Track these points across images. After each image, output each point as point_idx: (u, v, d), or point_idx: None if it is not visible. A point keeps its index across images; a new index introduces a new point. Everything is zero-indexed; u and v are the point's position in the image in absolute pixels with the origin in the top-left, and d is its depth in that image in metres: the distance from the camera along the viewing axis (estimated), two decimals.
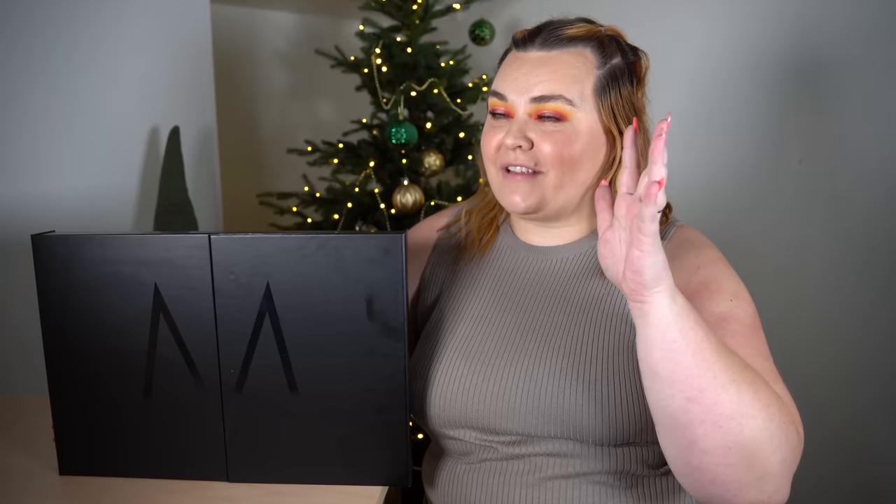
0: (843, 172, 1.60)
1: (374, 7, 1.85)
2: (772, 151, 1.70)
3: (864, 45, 1.53)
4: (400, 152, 1.77)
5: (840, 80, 1.58)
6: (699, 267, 0.81)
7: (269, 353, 0.79)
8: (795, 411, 0.72)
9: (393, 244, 0.75)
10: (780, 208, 1.70)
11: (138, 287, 0.79)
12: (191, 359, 0.80)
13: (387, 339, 0.77)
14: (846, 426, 1.63)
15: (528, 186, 0.85)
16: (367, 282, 0.76)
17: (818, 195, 1.64)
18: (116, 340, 0.81)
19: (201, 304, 0.79)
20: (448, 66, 1.85)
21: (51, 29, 1.49)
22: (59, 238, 0.79)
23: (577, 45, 0.85)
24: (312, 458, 0.82)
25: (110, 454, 0.84)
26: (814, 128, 1.63)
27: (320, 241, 0.76)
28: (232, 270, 0.78)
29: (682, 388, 0.65)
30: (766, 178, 1.72)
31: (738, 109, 1.75)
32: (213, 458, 0.83)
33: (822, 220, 1.64)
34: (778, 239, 1.71)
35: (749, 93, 1.72)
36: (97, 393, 0.82)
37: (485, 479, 0.85)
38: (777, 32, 1.66)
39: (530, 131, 0.84)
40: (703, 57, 1.79)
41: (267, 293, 0.78)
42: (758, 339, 0.76)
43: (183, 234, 0.78)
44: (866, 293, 1.58)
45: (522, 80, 0.84)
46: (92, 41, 1.57)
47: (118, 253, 0.79)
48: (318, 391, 0.80)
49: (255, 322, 0.78)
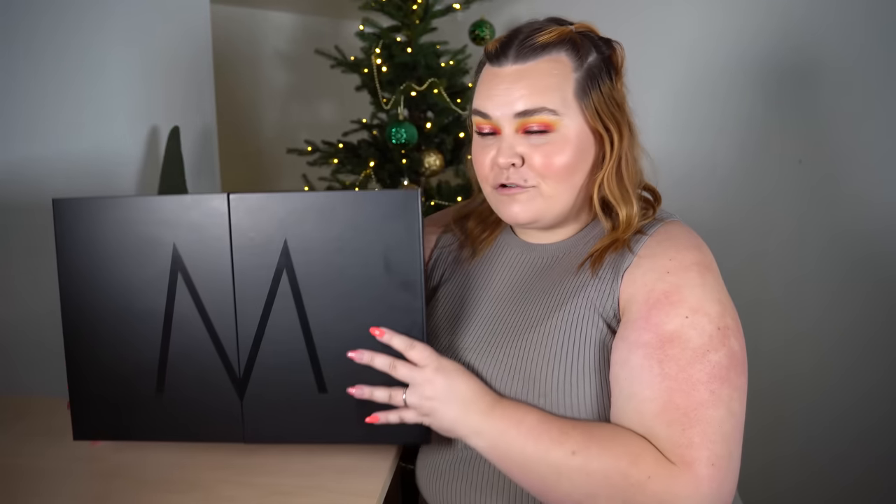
0: (842, 172, 1.60)
1: (374, 7, 1.85)
2: (772, 151, 1.70)
3: (864, 44, 1.54)
4: (400, 152, 1.77)
5: (840, 80, 1.58)
6: (668, 272, 0.79)
7: (287, 311, 0.80)
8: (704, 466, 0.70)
9: (409, 200, 0.77)
10: (780, 208, 1.70)
11: (157, 248, 0.80)
12: (208, 318, 0.81)
13: (404, 294, 0.78)
14: (838, 423, 1.64)
15: (526, 198, 0.85)
16: (385, 237, 0.78)
17: (818, 195, 1.64)
18: (134, 301, 0.81)
19: (219, 263, 0.80)
20: (448, 66, 1.85)
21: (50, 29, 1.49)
22: (78, 201, 0.81)
23: (550, 52, 0.84)
24: (330, 417, 0.82)
25: (125, 418, 0.84)
26: (814, 128, 1.63)
27: (338, 198, 0.78)
28: (250, 228, 0.79)
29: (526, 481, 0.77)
30: (765, 178, 1.72)
31: (738, 109, 1.75)
32: (230, 418, 0.83)
33: (821, 220, 1.64)
34: (777, 238, 1.71)
35: (749, 93, 1.72)
36: (113, 355, 0.83)
37: (468, 470, 0.86)
38: (777, 32, 1.67)
39: (520, 146, 0.84)
40: (702, 56, 1.79)
41: (285, 251, 0.79)
42: (701, 365, 0.74)
43: (202, 194, 0.79)
44: (864, 292, 1.59)
45: (503, 97, 0.84)
46: (92, 41, 1.57)
47: (138, 214, 0.80)
48: (335, 348, 0.80)
49: (272, 280, 0.79)
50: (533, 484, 0.76)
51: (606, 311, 0.81)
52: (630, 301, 0.80)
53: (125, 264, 0.81)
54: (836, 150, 1.60)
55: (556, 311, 0.83)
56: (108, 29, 1.60)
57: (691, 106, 1.82)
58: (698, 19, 1.79)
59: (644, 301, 0.78)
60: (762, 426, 1.69)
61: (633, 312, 0.79)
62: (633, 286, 0.80)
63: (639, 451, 0.72)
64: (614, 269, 0.82)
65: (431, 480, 0.90)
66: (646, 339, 0.76)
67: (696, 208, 1.76)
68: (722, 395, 0.73)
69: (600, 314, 0.81)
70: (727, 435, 0.72)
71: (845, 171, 1.60)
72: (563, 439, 0.74)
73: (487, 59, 0.88)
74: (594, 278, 0.83)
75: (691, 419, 0.72)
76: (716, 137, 1.79)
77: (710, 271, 0.80)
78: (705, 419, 0.72)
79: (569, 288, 0.85)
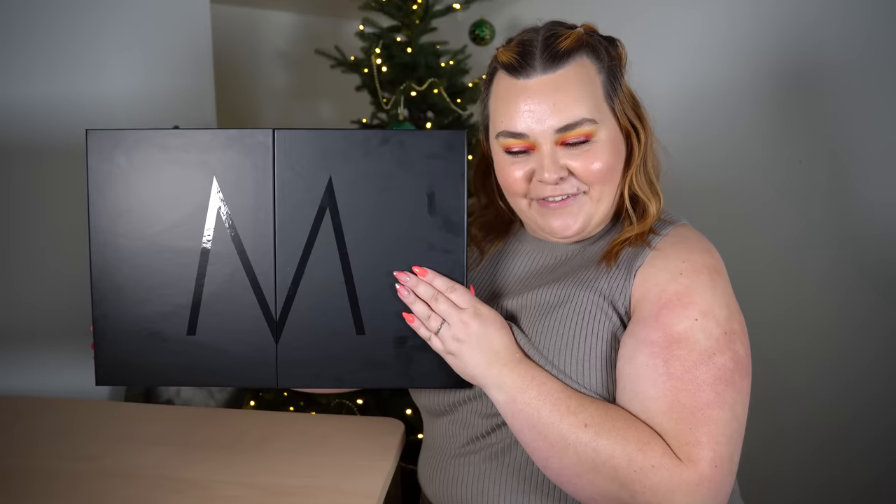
0: (842, 172, 1.60)
1: (374, 7, 1.85)
2: (772, 151, 1.70)
3: (864, 44, 1.53)
4: None
5: (840, 80, 1.58)
6: (681, 273, 0.80)
7: (328, 250, 0.79)
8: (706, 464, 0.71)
9: (456, 139, 0.77)
10: (780, 208, 1.70)
11: (196, 182, 0.78)
12: (246, 256, 0.79)
13: (447, 234, 0.78)
14: (846, 430, 1.63)
15: (577, 207, 0.84)
16: (429, 176, 0.78)
17: (818, 195, 1.64)
18: (170, 237, 0.79)
19: (261, 199, 0.78)
20: (448, 66, 1.85)
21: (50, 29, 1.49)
22: (114, 133, 0.78)
23: (574, 57, 0.82)
24: (367, 360, 0.81)
25: (154, 361, 0.81)
26: (814, 128, 1.63)
27: (384, 136, 0.78)
28: (294, 165, 0.78)
29: (533, 452, 0.77)
30: (765, 178, 1.72)
31: (738, 109, 1.74)
32: (263, 362, 0.81)
33: (821, 220, 1.64)
34: (777, 239, 1.71)
35: (749, 93, 1.72)
36: (144, 293, 0.80)
37: (470, 466, 0.86)
38: (777, 32, 1.66)
39: (562, 158, 0.82)
40: (703, 56, 1.79)
41: (329, 188, 0.78)
42: (707, 367, 0.74)
43: (246, 129, 0.78)
44: (866, 294, 1.58)
45: (538, 113, 0.81)
46: (92, 41, 1.57)
47: (178, 147, 0.78)
48: (375, 289, 0.79)
49: (315, 217, 0.78)
50: (538, 448, 0.76)
51: (618, 305, 0.81)
52: (642, 299, 0.80)
53: (161, 199, 0.79)
54: (837, 150, 1.60)
55: (569, 300, 0.83)
56: (107, 29, 1.60)
57: (692, 107, 1.82)
58: (700, 21, 1.79)
59: (656, 300, 0.78)
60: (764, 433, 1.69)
61: (643, 310, 0.79)
62: (646, 285, 0.80)
63: (649, 439, 0.72)
64: (628, 266, 0.82)
65: (433, 477, 0.90)
66: (654, 337, 0.76)
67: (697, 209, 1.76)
68: (726, 398, 0.74)
69: (612, 306, 0.81)
70: (730, 438, 0.73)
71: (848, 172, 1.59)
72: (579, 410, 0.75)
73: (507, 71, 0.84)
74: (608, 273, 0.83)
75: (698, 418, 0.72)
76: (716, 138, 1.79)
77: (720, 276, 0.81)
78: (712, 419, 0.72)
79: (583, 279, 0.85)
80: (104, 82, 1.60)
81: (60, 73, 1.51)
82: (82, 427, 1.00)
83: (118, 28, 1.62)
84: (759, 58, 1.69)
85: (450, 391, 0.88)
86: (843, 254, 1.61)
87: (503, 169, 0.86)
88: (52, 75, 1.49)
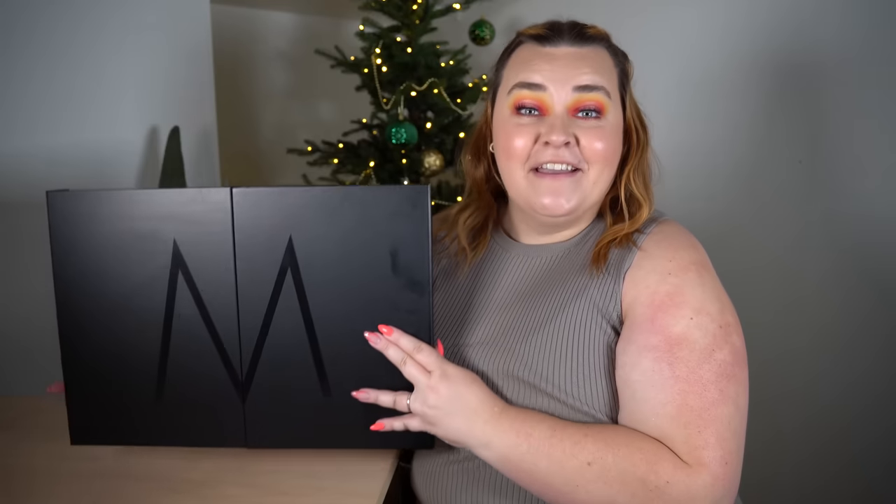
0: (842, 172, 1.60)
1: (374, 7, 1.85)
2: (772, 151, 1.70)
3: (864, 44, 1.53)
4: (400, 152, 1.77)
5: (840, 80, 1.58)
6: (670, 273, 0.80)
7: (291, 310, 0.77)
8: (717, 464, 0.72)
9: (419, 197, 0.74)
10: (780, 208, 1.70)
11: (157, 244, 0.77)
12: (209, 318, 0.78)
13: (411, 294, 0.76)
14: (845, 431, 1.63)
15: (571, 185, 0.84)
16: (392, 235, 0.75)
17: (818, 195, 1.64)
18: (133, 300, 0.78)
19: (222, 260, 0.77)
20: (448, 66, 1.85)
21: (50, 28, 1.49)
22: (75, 194, 0.77)
23: (598, 43, 0.87)
24: (334, 420, 0.80)
25: (125, 422, 0.81)
26: (814, 128, 1.63)
27: (345, 194, 0.75)
28: (254, 225, 0.76)
29: (539, 491, 0.76)
30: (765, 178, 1.72)
31: (738, 109, 1.74)
32: (232, 422, 0.81)
33: (821, 220, 1.64)
34: (777, 239, 1.71)
35: (749, 92, 1.72)
36: (111, 356, 0.80)
37: (464, 470, 0.85)
38: (776, 31, 1.67)
39: (571, 127, 0.83)
40: (702, 56, 1.79)
41: (289, 247, 0.76)
42: (708, 364, 0.75)
43: (204, 188, 0.76)
44: (865, 294, 1.58)
45: (562, 70, 0.83)
46: (91, 41, 1.57)
47: (137, 209, 0.77)
48: (340, 349, 0.78)
49: (276, 278, 0.77)
50: (547, 494, 0.75)
51: (609, 313, 0.81)
52: (633, 303, 0.80)
53: (123, 261, 0.78)
54: (837, 150, 1.60)
55: (560, 313, 0.83)
56: (108, 29, 1.60)
57: (691, 107, 1.82)
58: (697, 19, 1.79)
59: (648, 303, 0.78)
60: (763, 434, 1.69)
61: (637, 315, 0.79)
62: (636, 288, 0.80)
63: (655, 457, 0.72)
64: (616, 270, 0.82)
65: (427, 482, 0.90)
66: (654, 342, 0.76)
67: (697, 209, 1.76)
68: (729, 392, 0.74)
69: (604, 316, 0.81)
70: (735, 431, 0.74)
71: (848, 172, 1.59)
72: (577, 451, 0.73)
73: (536, 40, 0.87)
74: (597, 278, 0.83)
75: (705, 420, 0.73)
76: (716, 138, 1.79)
77: (706, 270, 0.82)
78: (718, 418, 0.73)
79: (572, 289, 0.85)
80: (104, 82, 1.60)
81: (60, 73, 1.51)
82: None
83: (118, 28, 1.62)
84: (759, 57, 1.69)
85: None
86: (843, 254, 1.61)
87: (508, 131, 0.85)
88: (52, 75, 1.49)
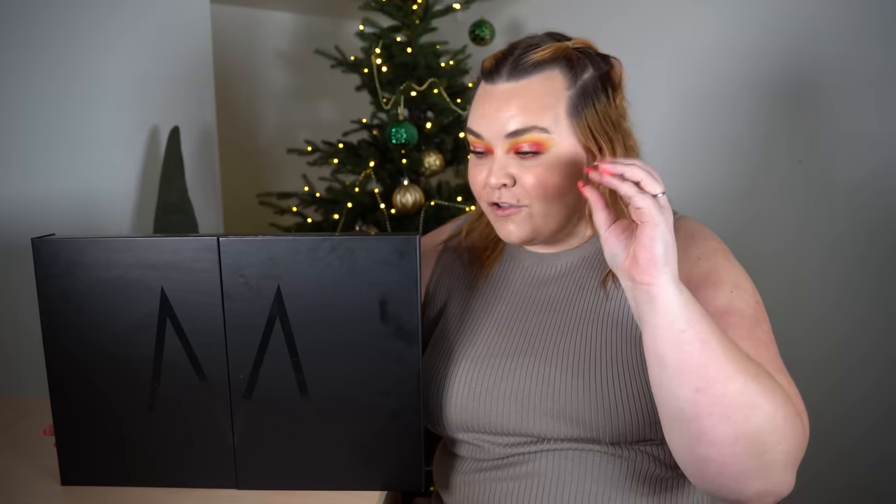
0: (842, 172, 1.60)
1: (374, 7, 1.85)
2: (772, 151, 1.70)
3: (864, 44, 1.54)
4: (400, 152, 1.77)
5: (840, 80, 1.58)
6: (699, 258, 0.82)
7: (280, 358, 0.77)
8: (800, 403, 0.72)
9: (407, 246, 0.74)
10: (780, 208, 1.70)
11: (144, 291, 0.76)
12: (199, 364, 0.78)
13: (400, 343, 0.76)
14: (841, 422, 1.64)
15: (519, 219, 0.85)
16: (381, 284, 0.75)
17: (818, 195, 1.64)
18: (121, 347, 0.78)
19: (210, 307, 0.77)
20: (448, 66, 1.85)
21: (50, 28, 1.49)
22: (60, 242, 0.76)
23: (544, 70, 0.83)
24: (324, 463, 0.80)
25: (115, 464, 0.82)
26: (813, 128, 1.64)
27: (333, 243, 0.75)
28: (241, 273, 0.76)
29: (691, 378, 0.66)
30: (766, 178, 1.72)
31: (738, 109, 1.75)
32: (222, 465, 0.81)
33: (821, 220, 1.64)
34: (777, 238, 1.71)
35: (749, 92, 1.72)
36: (101, 401, 0.80)
37: (502, 482, 0.85)
38: (777, 32, 1.67)
39: (511, 167, 0.83)
40: (703, 56, 1.79)
41: (277, 296, 0.76)
42: (760, 329, 0.77)
43: (191, 236, 0.76)
44: (863, 291, 1.59)
45: (494, 117, 0.83)
46: (92, 41, 1.57)
47: (123, 256, 0.76)
48: (329, 396, 0.78)
49: (265, 326, 0.77)
50: (699, 368, 0.65)
51: None
52: None
53: (110, 308, 0.77)
54: (837, 150, 1.60)
55: (596, 312, 0.84)
56: (108, 29, 1.60)
57: (691, 107, 1.82)
58: (699, 20, 1.79)
59: (685, 284, 0.74)
60: None
61: None
62: None
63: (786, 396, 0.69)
64: None
65: (463, 490, 0.89)
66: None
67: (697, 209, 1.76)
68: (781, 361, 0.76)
69: (631, 319, 0.83)
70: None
71: (848, 172, 1.60)
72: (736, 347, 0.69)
73: (482, 75, 0.87)
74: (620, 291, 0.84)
75: (775, 369, 0.74)
76: (716, 138, 1.79)
77: (732, 256, 0.85)
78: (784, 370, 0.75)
79: (597, 295, 0.86)
80: (104, 82, 1.60)
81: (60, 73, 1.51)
82: None
83: (118, 28, 1.62)
84: (759, 58, 1.69)
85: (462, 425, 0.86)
86: (843, 254, 1.61)
87: (469, 169, 0.89)
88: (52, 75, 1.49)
